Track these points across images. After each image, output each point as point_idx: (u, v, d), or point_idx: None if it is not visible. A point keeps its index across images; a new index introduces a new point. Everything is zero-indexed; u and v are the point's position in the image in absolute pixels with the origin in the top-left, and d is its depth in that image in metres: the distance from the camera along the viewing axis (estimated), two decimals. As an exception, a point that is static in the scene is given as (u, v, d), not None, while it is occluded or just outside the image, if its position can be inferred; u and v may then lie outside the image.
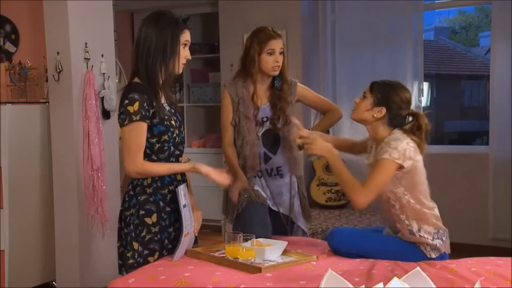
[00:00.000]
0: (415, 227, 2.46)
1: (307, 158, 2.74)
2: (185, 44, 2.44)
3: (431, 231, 2.47)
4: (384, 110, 2.50)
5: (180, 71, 2.47)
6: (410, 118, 2.55)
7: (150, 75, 2.39)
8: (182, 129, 2.54)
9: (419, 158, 2.47)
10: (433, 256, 2.46)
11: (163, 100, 2.46)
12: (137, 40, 2.42)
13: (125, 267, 2.45)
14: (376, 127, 2.53)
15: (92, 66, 3.81)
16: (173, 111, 2.50)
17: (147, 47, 2.38)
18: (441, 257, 2.49)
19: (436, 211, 2.54)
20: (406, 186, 2.46)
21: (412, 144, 2.44)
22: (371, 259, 2.47)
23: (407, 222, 2.47)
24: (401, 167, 2.40)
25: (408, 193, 2.46)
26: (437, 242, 2.47)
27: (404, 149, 2.40)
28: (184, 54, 2.45)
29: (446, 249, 2.51)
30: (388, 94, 2.52)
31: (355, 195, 2.40)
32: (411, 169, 2.43)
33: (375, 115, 2.51)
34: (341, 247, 2.53)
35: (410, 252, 2.47)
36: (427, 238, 2.45)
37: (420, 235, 2.45)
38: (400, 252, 2.46)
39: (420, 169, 2.48)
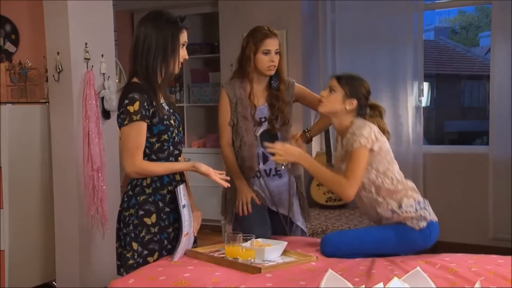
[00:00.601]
0: (394, 205, 2.53)
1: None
2: (183, 44, 2.45)
3: (412, 203, 2.53)
4: (355, 102, 2.62)
5: (178, 70, 2.48)
6: (368, 109, 2.69)
7: (150, 74, 2.39)
8: (180, 128, 2.55)
9: (384, 139, 2.58)
10: (422, 225, 2.51)
11: (162, 100, 2.46)
12: (136, 40, 2.41)
13: (124, 267, 2.45)
14: (342, 118, 2.64)
15: (92, 66, 3.82)
16: (171, 110, 2.50)
17: (147, 46, 2.38)
18: (429, 225, 2.53)
19: (411, 185, 2.61)
20: (377, 168, 2.55)
21: (374, 128, 2.55)
22: (369, 257, 2.48)
23: (385, 202, 2.54)
24: (371, 150, 2.51)
25: (381, 175, 2.55)
26: (421, 212, 2.53)
27: (369, 133, 2.51)
28: (182, 54, 2.46)
29: (432, 217, 2.57)
30: (356, 87, 2.64)
31: (343, 190, 2.51)
32: (379, 151, 2.53)
33: (347, 107, 2.62)
34: (336, 252, 2.53)
35: (401, 232, 2.52)
36: (410, 212, 2.51)
37: (402, 211, 2.52)
38: (392, 237, 2.52)
39: (387, 149, 2.58)
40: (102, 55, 3.88)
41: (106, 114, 3.92)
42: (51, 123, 3.90)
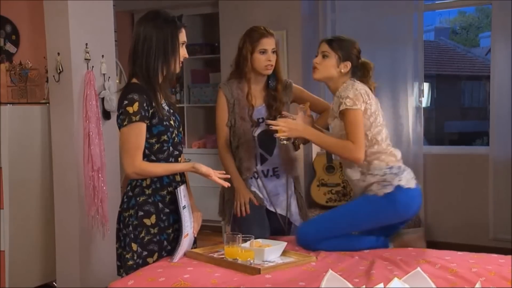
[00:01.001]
0: (365, 165, 2.56)
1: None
2: (183, 43, 2.45)
3: (382, 167, 2.54)
4: (349, 64, 2.66)
5: (179, 70, 2.48)
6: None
7: (151, 75, 2.39)
8: (180, 129, 2.54)
9: (372, 101, 2.59)
10: (387, 191, 2.49)
11: (162, 101, 2.46)
12: (135, 40, 2.40)
13: (124, 268, 2.45)
14: (338, 81, 2.67)
15: (93, 66, 3.82)
16: (171, 111, 2.50)
17: (147, 47, 2.37)
18: (397, 190, 2.49)
19: (394, 151, 2.60)
20: None
21: (361, 88, 2.58)
22: (349, 238, 2.53)
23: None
24: None
25: None
26: (388, 177, 2.51)
27: (355, 94, 2.54)
28: (182, 52, 2.45)
29: (405, 183, 2.53)
30: (349, 49, 2.67)
31: (351, 154, 2.54)
32: (362, 112, 2.56)
33: (342, 71, 2.65)
34: (312, 244, 2.57)
35: (364, 201, 2.54)
36: (376, 175, 2.52)
37: (368, 173, 2.54)
38: (358, 207, 2.56)
39: (372, 112, 2.58)
40: (103, 56, 3.88)
41: (106, 115, 3.92)
42: (52, 124, 3.90)
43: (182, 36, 2.44)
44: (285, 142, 2.71)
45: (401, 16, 5.11)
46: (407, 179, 2.55)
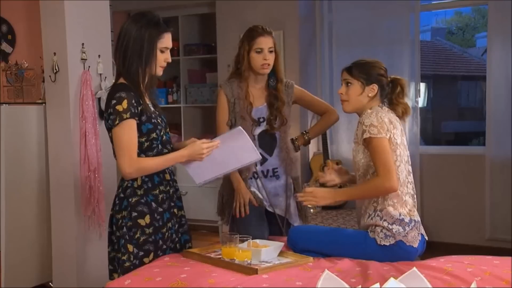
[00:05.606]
0: (379, 205, 2.44)
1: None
2: (162, 51, 2.41)
3: (394, 215, 2.41)
4: (376, 87, 2.52)
5: (160, 73, 2.45)
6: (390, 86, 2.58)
7: (132, 74, 2.38)
8: (168, 129, 2.54)
9: (395, 131, 2.46)
10: (385, 243, 2.40)
11: (148, 101, 2.46)
12: (117, 39, 2.41)
13: (121, 269, 2.45)
14: (367, 107, 2.53)
15: (89, 66, 3.81)
16: (157, 112, 2.50)
17: (125, 47, 2.38)
18: (398, 245, 2.40)
19: (407, 200, 2.47)
20: None
21: (384, 116, 2.44)
22: (324, 252, 2.48)
23: (373, 199, 2.46)
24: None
25: None
26: (395, 228, 2.40)
27: (379, 122, 2.42)
28: (164, 57, 2.42)
29: (409, 241, 2.42)
30: (371, 71, 2.53)
31: (382, 187, 2.38)
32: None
33: (369, 95, 2.52)
34: (295, 245, 2.55)
35: (358, 240, 2.46)
36: (385, 221, 2.41)
37: (379, 215, 2.42)
38: (348, 242, 2.47)
39: (396, 143, 2.45)
40: (99, 56, 3.88)
41: (103, 115, 3.91)
42: (48, 124, 3.89)
43: (164, 42, 2.40)
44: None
45: (397, 17, 5.12)
46: (413, 237, 2.43)
